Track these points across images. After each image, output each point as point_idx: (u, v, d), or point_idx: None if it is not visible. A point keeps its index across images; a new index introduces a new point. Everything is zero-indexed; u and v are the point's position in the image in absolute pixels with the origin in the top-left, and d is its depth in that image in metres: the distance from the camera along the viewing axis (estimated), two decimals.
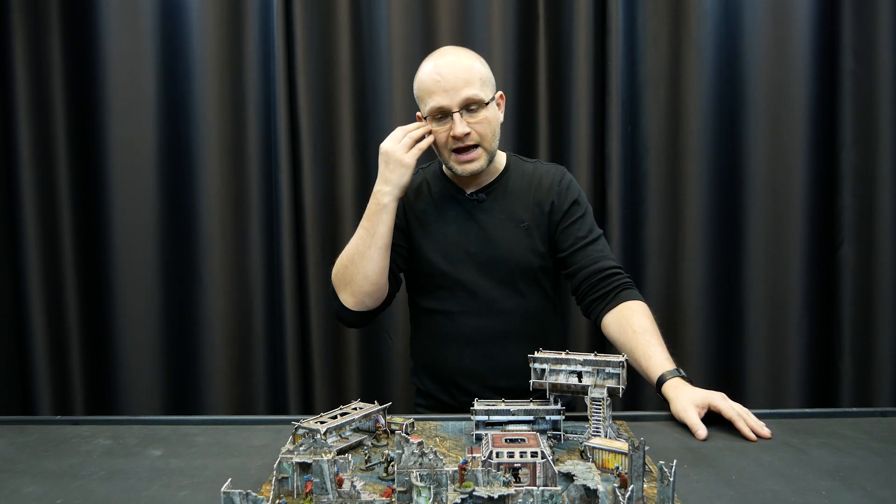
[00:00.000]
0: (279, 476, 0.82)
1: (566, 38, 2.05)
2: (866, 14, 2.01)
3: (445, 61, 1.35)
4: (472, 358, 1.43)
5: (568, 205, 1.44)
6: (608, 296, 1.38)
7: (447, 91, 1.31)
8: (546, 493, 0.71)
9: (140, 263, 2.09)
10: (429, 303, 1.47)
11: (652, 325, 1.30)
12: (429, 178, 1.51)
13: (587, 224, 1.45)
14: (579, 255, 1.42)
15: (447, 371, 1.46)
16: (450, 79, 1.31)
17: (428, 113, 1.35)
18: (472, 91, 1.32)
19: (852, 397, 2.05)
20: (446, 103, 1.32)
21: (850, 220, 2.05)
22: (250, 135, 2.10)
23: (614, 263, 1.42)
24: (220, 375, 2.10)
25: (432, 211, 1.46)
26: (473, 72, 1.34)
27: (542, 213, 1.44)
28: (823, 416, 1.19)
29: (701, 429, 1.07)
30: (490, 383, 1.42)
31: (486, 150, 1.37)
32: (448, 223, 1.44)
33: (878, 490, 0.86)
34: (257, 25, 2.07)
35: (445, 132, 1.35)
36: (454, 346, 1.44)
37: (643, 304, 1.36)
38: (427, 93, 1.34)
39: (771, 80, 2.04)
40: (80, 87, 2.07)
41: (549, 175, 1.48)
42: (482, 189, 1.45)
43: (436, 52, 1.40)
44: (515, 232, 1.42)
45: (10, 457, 1.02)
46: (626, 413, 1.20)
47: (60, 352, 2.10)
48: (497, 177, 1.47)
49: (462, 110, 1.33)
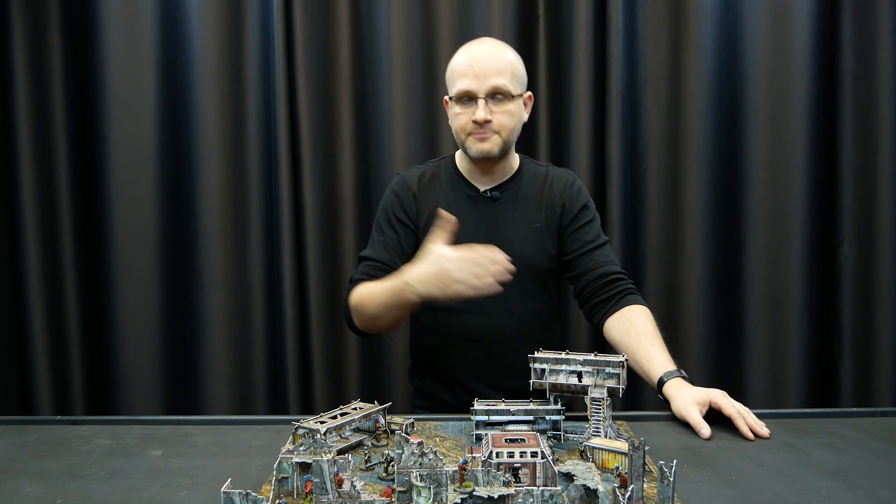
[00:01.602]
0: (279, 476, 0.82)
1: (566, 38, 2.05)
2: (866, 14, 2.01)
3: (482, 49, 1.38)
4: (476, 357, 1.43)
5: (578, 208, 1.45)
6: (612, 300, 1.39)
7: (477, 76, 1.33)
8: (546, 493, 0.71)
9: (140, 263, 2.09)
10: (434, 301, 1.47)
11: (654, 329, 1.31)
12: (441, 172, 1.50)
13: (595, 229, 1.46)
14: (585, 258, 1.43)
15: (451, 369, 1.46)
16: (482, 64, 1.34)
17: (455, 94, 1.37)
18: (501, 80, 1.34)
19: (852, 397, 2.05)
20: (474, 87, 1.34)
21: (850, 220, 2.05)
22: (250, 135, 2.10)
23: (619, 269, 1.43)
24: (220, 375, 2.10)
25: (444, 205, 1.45)
26: (506, 63, 1.36)
27: (554, 216, 1.45)
28: (823, 416, 1.19)
29: (704, 427, 1.08)
30: (494, 382, 1.42)
31: (503, 139, 1.38)
32: (461, 219, 1.41)
33: (878, 490, 0.86)
34: (257, 25, 2.07)
35: (468, 115, 1.36)
36: (459, 344, 1.44)
37: (646, 308, 1.37)
38: (458, 74, 1.36)
39: (771, 80, 2.04)
40: (80, 88, 2.07)
41: (560, 178, 1.50)
42: (496, 187, 1.46)
43: (476, 40, 1.42)
44: (528, 232, 1.43)
45: (10, 457, 1.02)
46: (626, 413, 1.21)
47: (60, 352, 2.10)
48: (511, 176, 1.47)
49: (488, 98, 1.34)
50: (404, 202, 1.47)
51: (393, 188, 1.51)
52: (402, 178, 1.51)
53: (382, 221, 1.49)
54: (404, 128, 2.07)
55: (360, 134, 2.12)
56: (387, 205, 1.50)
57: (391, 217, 1.48)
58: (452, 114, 1.41)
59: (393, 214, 1.47)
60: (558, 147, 2.09)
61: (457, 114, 1.39)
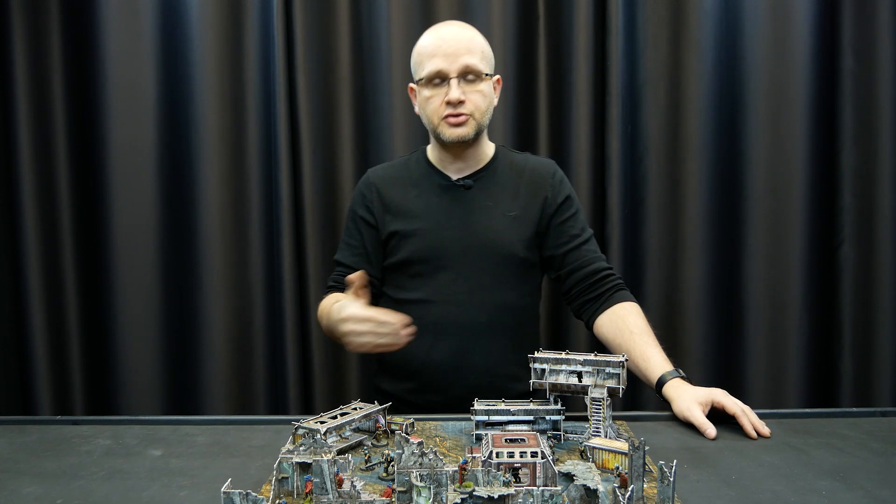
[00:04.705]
0: (279, 476, 0.82)
1: (566, 38, 2.05)
2: (866, 14, 2.01)
3: (449, 29, 1.35)
4: (442, 351, 1.38)
5: (562, 199, 1.42)
6: (601, 297, 1.37)
7: (447, 55, 1.31)
8: (546, 493, 0.71)
9: (140, 263, 2.09)
10: (403, 293, 1.43)
11: (647, 327, 1.30)
12: (412, 165, 1.49)
13: (579, 222, 1.43)
14: (572, 255, 1.40)
15: (413, 365, 1.40)
16: (452, 44, 1.31)
17: (425, 76, 1.33)
18: (472, 59, 1.32)
19: (852, 397, 2.05)
20: (445, 67, 1.31)
21: (850, 220, 2.05)
22: (250, 134, 2.10)
23: (607, 265, 1.41)
24: (220, 375, 2.10)
25: (414, 198, 1.43)
26: (476, 43, 1.34)
27: (534, 206, 1.41)
28: (823, 416, 1.19)
29: (710, 428, 1.07)
30: (457, 379, 1.38)
31: (477, 122, 1.35)
32: (431, 209, 1.41)
33: (878, 490, 0.86)
34: (257, 25, 2.07)
35: (440, 97, 1.33)
36: (426, 337, 1.36)
37: (636, 305, 1.35)
38: (427, 56, 1.33)
39: (771, 80, 2.04)
40: (80, 87, 2.07)
41: (540, 168, 1.46)
42: (469, 176, 1.43)
43: (439, 24, 1.40)
44: (502, 221, 1.39)
45: (10, 457, 1.02)
46: (626, 413, 1.21)
47: (60, 352, 2.10)
48: (485, 165, 1.44)
49: (459, 78, 1.31)
50: (368, 200, 1.46)
51: (359, 186, 1.51)
52: (367, 176, 1.51)
53: (349, 221, 1.50)
54: (404, 127, 2.07)
55: (360, 134, 2.12)
56: (353, 203, 1.50)
57: (356, 217, 1.48)
58: (422, 98, 1.37)
59: (357, 214, 1.48)
60: (558, 147, 2.09)
61: (427, 98, 1.35)
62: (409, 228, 1.41)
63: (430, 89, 1.34)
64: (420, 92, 1.37)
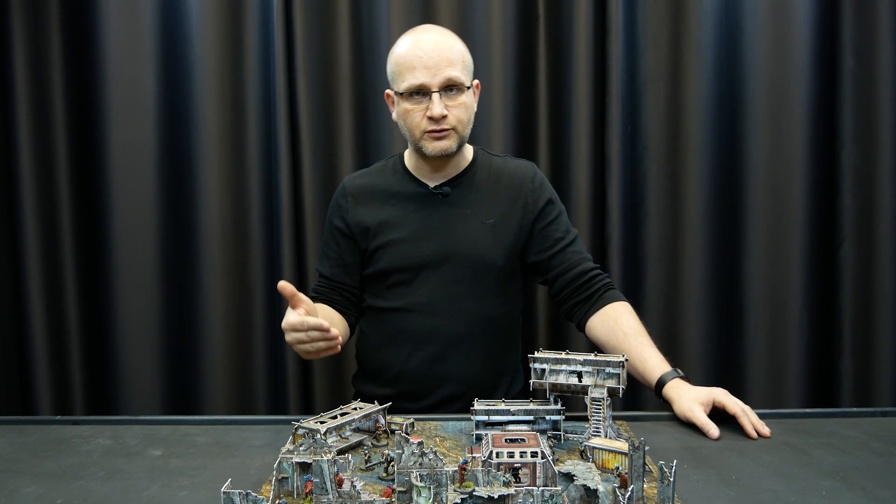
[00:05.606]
0: (279, 476, 0.82)
1: (566, 38, 2.05)
2: (866, 14, 2.01)
3: (428, 37, 1.29)
4: (419, 359, 1.38)
5: (543, 203, 1.40)
6: (591, 298, 1.36)
7: (429, 68, 1.26)
8: (546, 493, 0.71)
9: (140, 263, 2.09)
10: (382, 302, 1.42)
11: (640, 327, 1.29)
12: (388, 172, 1.46)
13: (563, 224, 1.41)
14: (559, 258, 1.38)
15: (391, 372, 1.40)
16: (433, 56, 1.26)
17: (405, 90, 1.29)
18: (454, 72, 1.27)
19: (852, 397, 2.05)
20: (426, 81, 1.26)
21: (850, 220, 2.05)
22: (250, 135, 2.09)
23: (594, 265, 1.40)
24: (220, 375, 2.10)
25: (391, 207, 1.41)
26: (456, 53, 1.29)
27: (514, 212, 1.39)
28: (823, 416, 1.19)
29: (713, 428, 1.07)
30: (434, 388, 1.37)
31: (459, 135, 1.32)
32: (408, 218, 1.38)
33: (878, 490, 0.86)
34: (257, 25, 2.07)
35: (421, 112, 1.29)
36: (404, 346, 1.38)
37: (627, 304, 1.35)
38: (407, 68, 1.27)
39: (771, 80, 2.04)
40: (80, 87, 2.07)
41: (519, 172, 1.43)
42: (447, 182, 1.40)
43: (416, 29, 1.34)
44: (480, 229, 1.37)
45: (10, 457, 1.02)
46: (626, 413, 1.21)
47: (60, 352, 2.10)
48: (463, 170, 1.41)
49: (441, 91, 1.27)
50: (343, 210, 1.45)
51: (335, 196, 1.49)
52: (342, 186, 1.48)
53: (327, 232, 1.50)
54: None
55: (360, 134, 2.11)
56: (330, 214, 1.49)
57: (333, 227, 1.47)
58: (402, 110, 1.32)
59: (334, 224, 1.47)
60: (558, 147, 2.09)
61: (408, 111, 1.30)
62: (386, 239, 1.39)
63: (410, 103, 1.30)
64: (399, 103, 1.33)
